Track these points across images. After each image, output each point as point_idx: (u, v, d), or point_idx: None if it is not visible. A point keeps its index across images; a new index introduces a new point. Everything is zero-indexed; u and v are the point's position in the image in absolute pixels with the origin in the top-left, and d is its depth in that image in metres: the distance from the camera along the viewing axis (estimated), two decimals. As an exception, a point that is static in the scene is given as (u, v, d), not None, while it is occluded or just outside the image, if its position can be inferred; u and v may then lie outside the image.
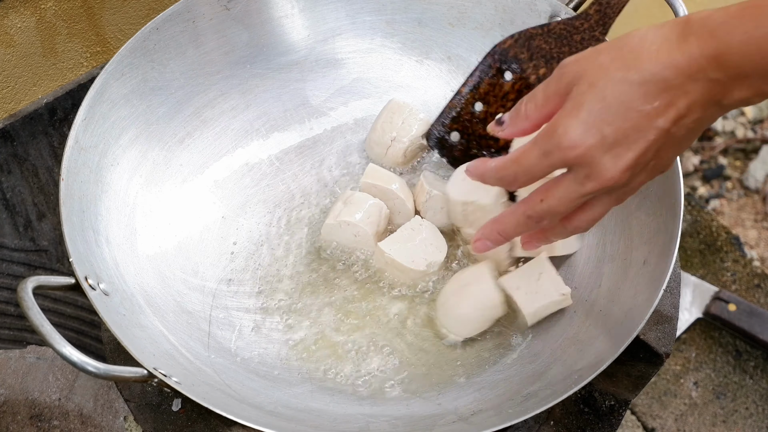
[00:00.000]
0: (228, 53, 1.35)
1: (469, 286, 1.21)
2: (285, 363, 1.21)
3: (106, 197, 1.21)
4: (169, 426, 1.17)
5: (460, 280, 1.22)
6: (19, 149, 1.42)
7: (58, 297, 1.56)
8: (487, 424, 1.04)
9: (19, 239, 1.49)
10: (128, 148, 1.25)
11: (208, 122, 1.34)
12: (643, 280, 1.15)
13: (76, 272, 1.06)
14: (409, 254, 1.25)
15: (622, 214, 1.24)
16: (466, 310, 1.20)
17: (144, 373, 1.01)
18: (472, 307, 1.20)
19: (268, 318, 1.25)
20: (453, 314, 1.21)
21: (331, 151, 1.39)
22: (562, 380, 1.09)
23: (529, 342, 1.21)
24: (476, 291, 1.20)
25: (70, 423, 1.35)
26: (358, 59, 1.41)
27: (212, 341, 1.21)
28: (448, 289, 1.23)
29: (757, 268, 1.97)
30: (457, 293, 1.21)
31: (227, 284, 1.27)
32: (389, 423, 1.13)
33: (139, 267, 1.21)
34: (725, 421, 1.82)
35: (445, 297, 1.22)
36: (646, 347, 1.23)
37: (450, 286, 1.23)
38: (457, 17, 1.38)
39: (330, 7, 1.38)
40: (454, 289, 1.22)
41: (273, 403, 1.14)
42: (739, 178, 2.35)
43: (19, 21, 1.37)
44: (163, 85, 1.30)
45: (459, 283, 1.22)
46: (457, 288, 1.21)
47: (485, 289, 1.20)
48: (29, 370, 1.38)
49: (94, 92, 1.21)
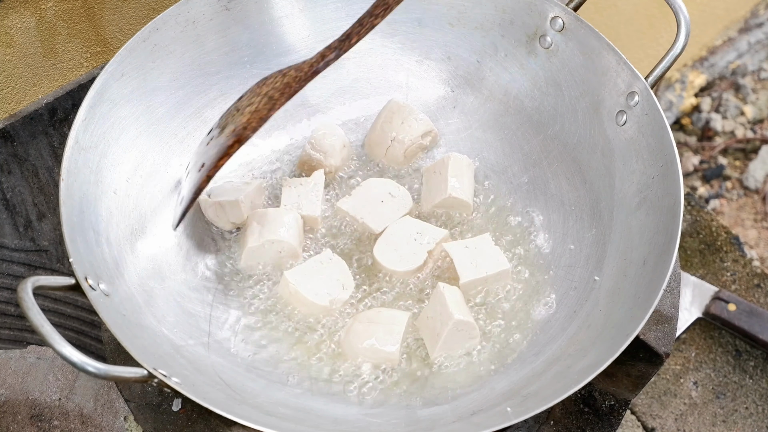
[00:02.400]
0: (228, 53, 1.35)
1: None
2: (285, 363, 1.21)
3: (107, 197, 1.21)
4: (169, 426, 1.17)
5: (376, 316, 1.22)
6: (19, 149, 1.42)
7: (58, 297, 1.56)
8: (487, 424, 1.04)
9: (19, 239, 1.49)
10: (128, 148, 1.25)
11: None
12: (643, 279, 1.15)
13: (76, 272, 1.06)
14: (314, 287, 1.23)
15: (622, 213, 1.24)
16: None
17: (144, 374, 1.01)
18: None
19: (268, 318, 1.25)
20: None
21: (331, 151, 1.40)
22: (562, 380, 1.09)
23: (530, 342, 1.21)
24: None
25: (70, 423, 1.35)
26: (358, 59, 1.41)
27: (212, 341, 1.21)
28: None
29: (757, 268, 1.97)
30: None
31: (227, 284, 1.27)
32: (389, 423, 1.13)
33: (139, 267, 1.21)
34: (725, 420, 1.82)
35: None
36: (646, 347, 1.23)
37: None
38: (456, 17, 1.38)
39: (330, 8, 1.38)
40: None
41: (273, 403, 1.14)
42: (739, 178, 2.35)
43: (20, 21, 1.37)
44: (164, 85, 1.30)
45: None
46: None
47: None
48: (29, 370, 1.38)
49: (95, 92, 1.21)
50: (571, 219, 1.31)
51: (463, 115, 1.41)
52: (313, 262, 1.25)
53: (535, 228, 1.32)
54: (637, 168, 1.24)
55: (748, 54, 2.59)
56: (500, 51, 1.38)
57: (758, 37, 2.60)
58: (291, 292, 1.23)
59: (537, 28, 1.34)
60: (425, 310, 1.22)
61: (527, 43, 1.36)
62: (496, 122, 1.39)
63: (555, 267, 1.28)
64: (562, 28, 1.33)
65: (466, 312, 1.19)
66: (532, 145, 1.37)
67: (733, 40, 2.57)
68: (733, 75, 2.57)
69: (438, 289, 1.20)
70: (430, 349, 1.20)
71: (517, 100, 1.38)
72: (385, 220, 1.29)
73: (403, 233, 1.27)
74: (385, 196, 1.30)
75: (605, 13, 2.05)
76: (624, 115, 1.27)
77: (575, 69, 1.32)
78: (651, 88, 1.24)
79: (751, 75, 2.58)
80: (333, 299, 1.23)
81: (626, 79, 1.27)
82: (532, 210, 1.34)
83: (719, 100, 2.51)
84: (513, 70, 1.38)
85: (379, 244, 1.27)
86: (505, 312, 1.25)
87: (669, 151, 1.20)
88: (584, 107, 1.32)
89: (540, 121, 1.36)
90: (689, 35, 1.26)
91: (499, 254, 1.26)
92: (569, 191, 1.32)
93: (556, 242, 1.30)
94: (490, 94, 1.39)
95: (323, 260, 1.25)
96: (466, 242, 1.26)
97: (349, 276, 1.25)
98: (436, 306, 1.19)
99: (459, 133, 1.40)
